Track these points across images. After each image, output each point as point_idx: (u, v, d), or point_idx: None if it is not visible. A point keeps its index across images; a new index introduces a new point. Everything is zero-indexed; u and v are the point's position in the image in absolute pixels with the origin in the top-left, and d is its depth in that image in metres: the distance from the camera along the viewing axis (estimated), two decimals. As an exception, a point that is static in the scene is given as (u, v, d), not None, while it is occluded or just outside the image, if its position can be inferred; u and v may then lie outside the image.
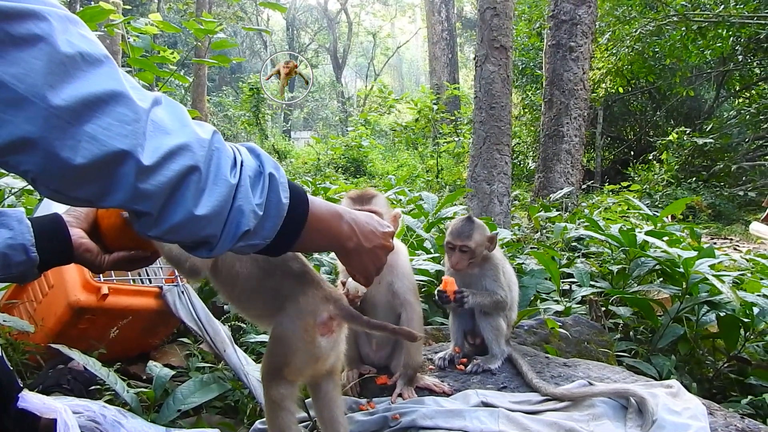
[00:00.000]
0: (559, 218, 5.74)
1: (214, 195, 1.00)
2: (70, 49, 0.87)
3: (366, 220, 1.37)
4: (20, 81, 0.82)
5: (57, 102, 0.84)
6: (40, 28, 0.84)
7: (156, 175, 0.93)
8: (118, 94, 0.90)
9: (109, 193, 0.93)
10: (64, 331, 2.42)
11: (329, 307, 1.46)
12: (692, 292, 2.98)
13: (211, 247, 1.07)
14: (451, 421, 1.71)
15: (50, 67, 0.84)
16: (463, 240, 2.18)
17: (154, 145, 0.93)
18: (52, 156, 0.86)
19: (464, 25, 28.69)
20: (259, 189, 1.08)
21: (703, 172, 12.67)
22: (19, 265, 1.36)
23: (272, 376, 1.48)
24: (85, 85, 0.87)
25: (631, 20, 12.15)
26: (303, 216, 1.18)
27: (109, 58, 0.92)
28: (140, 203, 0.95)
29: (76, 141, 0.86)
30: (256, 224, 1.07)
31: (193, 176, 0.98)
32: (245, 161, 1.08)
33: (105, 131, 0.88)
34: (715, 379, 2.89)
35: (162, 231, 1.00)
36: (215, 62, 4.49)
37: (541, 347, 2.53)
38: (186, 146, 0.97)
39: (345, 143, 16.71)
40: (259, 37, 32.34)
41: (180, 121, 0.99)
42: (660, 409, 1.69)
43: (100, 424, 1.43)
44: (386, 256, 1.42)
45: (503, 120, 6.36)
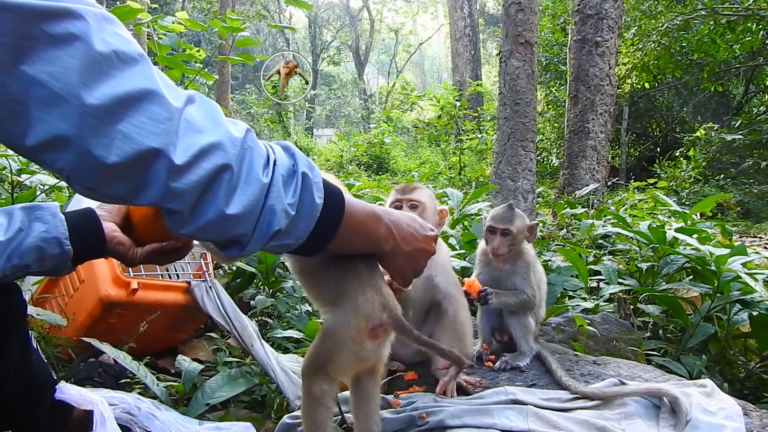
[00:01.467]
0: (585, 215, 5.67)
1: (246, 194, 1.00)
2: (105, 48, 0.87)
3: (407, 222, 1.35)
4: (56, 79, 0.83)
5: (91, 101, 0.85)
6: (76, 27, 0.85)
7: (188, 173, 0.93)
8: (151, 92, 0.91)
9: (140, 191, 0.93)
10: (95, 325, 2.45)
11: (383, 315, 1.43)
12: (723, 291, 2.93)
13: (242, 246, 1.06)
14: (480, 419, 1.70)
15: (85, 66, 0.85)
16: (506, 224, 2.17)
17: (186, 143, 0.93)
18: (86, 154, 0.87)
19: (487, 21, 28.53)
20: (292, 188, 1.07)
21: (732, 169, 12.42)
22: (53, 258, 1.38)
23: (315, 372, 1.47)
24: (120, 83, 0.88)
25: (658, 14, 11.96)
26: (338, 217, 1.16)
27: (144, 56, 0.93)
28: (172, 201, 0.95)
29: (110, 139, 0.87)
30: (288, 224, 1.06)
31: (224, 175, 0.97)
32: (278, 160, 1.07)
33: (138, 129, 0.88)
34: (746, 379, 2.84)
35: (193, 229, 1.00)
36: (239, 60, 4.52)
37: (569, 345, 2.50)
38: (218, 145, 0.97)
39: (367, 140, 16.74)
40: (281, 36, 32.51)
41: (213, 120, 0.99)
42: (694, 408, 1.66)
43: (134, 416, 1.45)
44: (426, 260, 1.39)
45: (528, 116, 6.31)
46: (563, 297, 3.26)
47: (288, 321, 2.97)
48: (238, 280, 3.22)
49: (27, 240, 1.35)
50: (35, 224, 1.37)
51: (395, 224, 1.31)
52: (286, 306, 3.07)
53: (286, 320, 3.00)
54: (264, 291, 3.25)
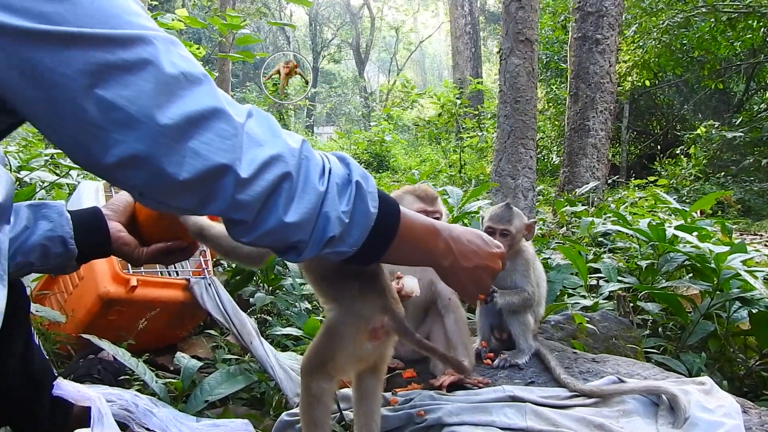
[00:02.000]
0: (585, 213, 5.67)
1: (303, 202, 1.04)
2: (174, 70, 0.92)
3: (469, 238, 1.35)
4: (132, 103, 0.88)
5: (164, 121, 0.89)
6: (148, 52, 0.90)
7: (252, 185, 0.98)
8: (217, 110, 0.96)
9: (208, 203, 0.98)
10: (94, 322, 2.46)
11: (384, 318, 1.43)
12: (723, 288, 2.92)
13: (300, 251, 1.10)
14: (478, 416, 1.70)
15: (158, 88, 0.90)
16: (504, 224, 2.17)
17: (250, 157, 0.98)
18: (159, 171, 0.91)
19: (487, 19, 28.50)
20: (347, 197, 1.10)
21: (732, 167, 12.41)
22: (57, 257, 1.39)
23: (315, 370, 1.46)
24: (189, 103, 0.92)
25: (659, 12, 11.93)
26: (393, 227, 1.19)
27: (207, 76, 0.98)
28: (237, 212, 1.00)
29: (181, 156, 0.91)
30: (342, 231, 1.10)
31: (285, 184, 1.02)
32: (334, 169, 1.11)
33: (207, 146, 0.93)
34: (746, 377, 2.83)
35: (254, 237, 1.05)
36: (240, 57, 4.52)
37: (568, 343, 2.50)
38: (278, 156, 1.01)
39: (368, 138, 16.73)
40: (282, 33, 32.49)
41: (272, 132, 1.04)
42: (692, 406, 1.66)
43: (132, 412, 1.45)
44: (492, 277, 1.39)
45: (528, 114, 6.30)
46: (563, 295, 3.25)
47: (287, 318, 2.97)
48: (237, 278, 3.22)
49: (32, 238, 1.36)
50: (41, 222, 1.38)
51: (454, 240, 1.32)
52: (286, 303, 3.07)
53: (286, 318, 3.00)
54: (263, 288, 3.25)
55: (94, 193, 2.49)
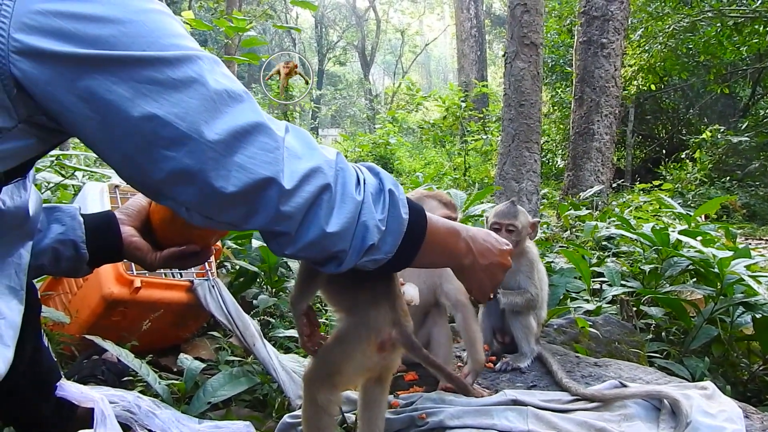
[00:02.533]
0: (589, 217, 5.66)
1: (343, 212, 1.07)
2: (219, 87, 0.97)
3: (483, 237, 1.40)
4: (182, 119, 0.92)
5: (212, 137, 0.93)
6: (194, 71, 0.95)
7: (295, 197, 1.01)
8: (260, 125, 1.00)
9: (253, 215, 1.01)
10: (98, 323, 2.46)
11: (393, 331, 1.43)
12: (727, 293, 2.92)
13: (340, 261, 1.12)
14: (479, 420, 1.70)
15: (204, 105, 0.94)
16: (510, 219, 2.18)
17: (291, 169, 1.01)
18: (208, 186, 0.95)
19: (493, 22, 28.51)
20: (381, 205, 1.13)
21: (738, 171, 12.39)
22: (68, 261, 1.39)
23: (322, 381, 1.46)
24: (233, 119, 0.96)
25: (665, 16, 11.92)
26: (422, 231, 1.22)
27: (247, 93, 1.03)
28: (280, 224, 1.03)
29: (227, 171, 0.95)
30: (380, 239, 1.12)
31: (324, 195, 1.05)
32: (367, 179, 1.14)
33: (251, 160, 0.97)
34: (749, 382, 2.83)
35: (297, 249, 1.07)
36: (245, 59, 4.54)
37: (570, 346, 2.50)
38: (318, 168, 1.04)
39: (372, 140, 16.72)
40: (287, 35, 32.55)
41: (309, 146, 1.07)
42: (694, 411, 1.66)
43: (135, 414, 1.46)
44: (503, 273, 1.43)
45: (533, 117, 6.31)
46: (566, 299, 3.25)
47: (290, 321, 2.98)
48: (241, 279, 3.23)
49: (44, 241, 1.36)
50: (53, 225, 1.39)
51: (473, 239, 1.36)
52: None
53: (289, 320, 3.01)
54: (267, 290, 3.25)
55: (99, 195, 2.50)
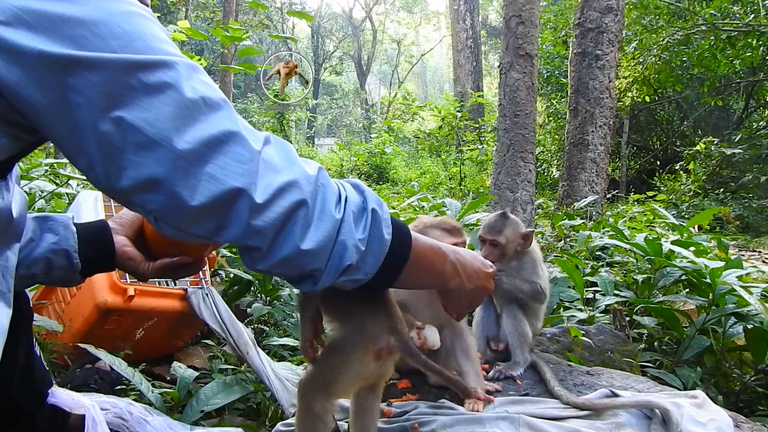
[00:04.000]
0: (583, 227, 5.68)
1: (320, 230, 1.03)
2: (194, 95, 0.94)
3: (471, 259, 1.38)
4: (151, 125, 0.90)
5: (182, 145, 0.91)
6: (169, 76, 0.92)
7: (267, 211, 0.98)
8: (235, 134, 0.96)
9: (224, 228, 0.98)
10: (91, 332, 2.46)
11: (391, 338, 1.43)
12: (719, 304, 2.93)
13: (315, 281, 1.09)
14: (471, 428, 1.70)
15: (177, 112, 0.91)
16: (494, 235, 2.17)
17: (265, 182, 0.98)
18: (176, 195, 0.92)
19: (489, 33, 28.69)
20: (362, 224, 1.10)
21: (732, 183, 12.45)
22: (61, 270, 1.39)
23: (318, 390, 1.45)
24: (207, 127, 0.94)
25: (659, 29, 12.00)
26: (405, 253, 1.19)
27: (226, 101, 0.99)
28: (252, 239, 0.99)
29: (197, 180, 0.92)
30: (359, 259, 1.09)
31: (300, 211, 1.01)
32: (349, 196, 1.11)
33: (223, 170, 0.94)
34: (741, 392, 2.83)
35: (270, 265, 1.04)
36: (241, 69, 4.56)
37: (563, 356, 2.50)
38: (294, 183, 1.01)
39: (368, 150, 16.77)
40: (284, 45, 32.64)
41: (288, 159, 1.04)
42: (685, 420, 1.67)
43: (126, 420, 1.46)
44: (484, 297, 1.43)
45: (527, 128, 6.34)
46: (559, 308, 3.26)
47: (284, 329, 2.98)
48: (235, 288, 3.23)
49: (36, 250, 1.36)
50: (46, 235, 1.38)
51: (461, 262, 1.34)
52: (283, 314, 3.08)
53: (283, 328, 3.01)
54: (261, 299, 3.25)
55: (93, 203, 2.51)
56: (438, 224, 1.95)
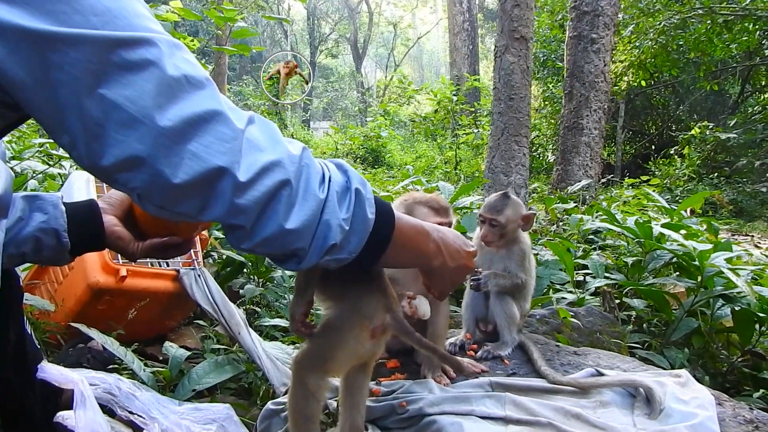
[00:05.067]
0: (576, 210, 5.71)
1: (304, 209, 1.04)
2: (177, 73, 0.93)
3: (453, 238, 1.39)
4: (133, 103, 0.89)
5: (164, 122, 0.91)
6: (151, 54, 0.91)
7: (251, 190, 0.98)
8: (218, 113, 0.96)
9: (207, 207, 0.98)
10: (84, 312, 2.47)
11: (386, 317, 1.45)
12: (707, 286, 2.96)
13: (300, 259, 1.10)
14: (458, 406, 1.72)
15: (159, 90, 0.91)
16: (494, 214, 2.19)
17: (249, 161, 0.98)
18: (158, 173, 0.92)
19: (486, 17, 28.51)
20: (346, 204, 1.11)
21: (726, 168, 12.48)
22: (49, 250, 1.39)
23: (313, 367, 1.47)
24: (189, 105, 0.93)
25: (656, 13, 11.96)
26: (389, 231, 1.20)
27: (209, 80, 0.99)
28: (236, 217, 1.00)
29: (179, 158, 0.92)
30: (343, 238, 1.10)
31: (284, 191, 1.02)
32: (333, 176, 1.11)
33: (206, 149, 0.94)
34: (729, 373, 2.87)
35: (254, 244, 1.04)
36: (235, 50, 4.54)
37: (552, 337, 2.53)
38: (278, 162, 1.01)
39: (364, 134, 16.72)
40: (279, 27, 32.40)
41: (273, 139, 1.04)
42: (668, 398, 1.70)
43: (115, 396, 1.47)
44: (465, 276, 1.43)
45: (522, 111, 6.34)
46: (549, 290, 3.29)
47: (276, 310, 3.00)
48: (228, 269, 3.25)
49: (26, 229, 1.36)
50: (35, 214, 1.38)
51: (443, 241, 1.35)
52: (275, 295, 3.10)
53: (275, 309, 3.03)
54: (254, 280, 3.27)
55: (84, 184, 2.51)
56: (426, 202, 1.97)
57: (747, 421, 1.66)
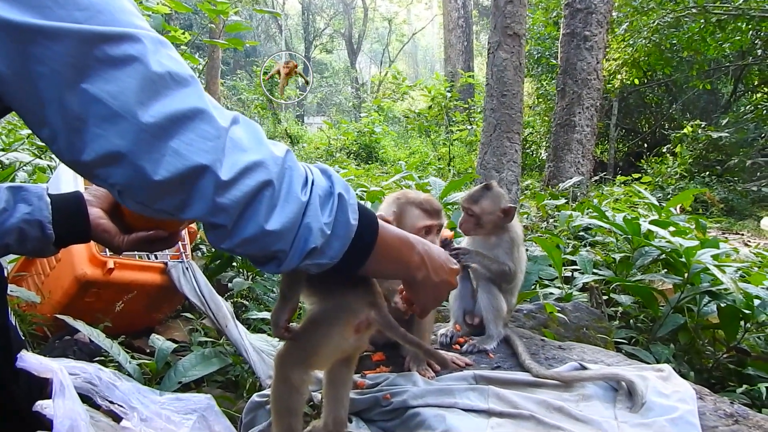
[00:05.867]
0: (566, 207, 5.73)
1: (285, 211, 1.03)
2: (161, 69, 0.92)
3: (438, 253, 1.38)
4: (114, 98, 0.88)
5: (146, 118, 0.90)
6: (135, 49, 0.91)
7: (233, 189, 0.97)
8: (201, 111, 0.96)
9: (188, 205, 0.97)
10: (71, 304, 2.47)
11: (371, 312, 1.45)
12: (694, 282, 2.98)
13: (280, 262, 1.09)
14: (441, 399, 1.73)
15: (142, 85, 0.90)
16: (469, 203, 2.21)
17: (231, 160, 0.97)
18: (139, 169, 0.91)
19: (481, 13, 28.52)
20: (329, 208, 1.10)
21: (717, 167, 12.53)
22: (34, 241, 1.39)
23: (296, 361, 1.47)
24: (173, 102, 0.93)
25: (649, 11, 11.99)
26: (371, 239, 1.19)
27: (194, 78, 0.99)
28: (217, 216, 0.99)
29: (161, 155, 0.91)
30: (323, 243, 1.09)
31: (266, 192, 1.01)
32: (316, 180, 1.10)
33: (188, 146, 0.93)
34: (714, 369, 2.90)
35: (234, 244, 1.04)
36: (228, 44, 4.52)
37: (539, 332, 2.54)
38: (261, 163, 1.01)
39: (357, 129, 16.71)
40: (274, 21, 32.31)
41: (256, 140, 1.03)
42: (649, 391, 1.71)
43: (96, 385, 1.47)
44: (448, 293, 1.41)
45: (514, 108, 6.35)
46: (538, 286, 3.31)
47: (265, 303, 3.00)
48: (217, 262, 3.24)
49: (9, 221, 1.35)
50: (20, 205, 1.37)
51: (428, 254, 1.34)
52: (264, 289, 3.10)
53: (263, 303, 3.03)
54: (242, 274, 3.27)
55: (72, 176, 2.50)
56: (418, 203, 1.94)
57: (727, 415, 1.68)
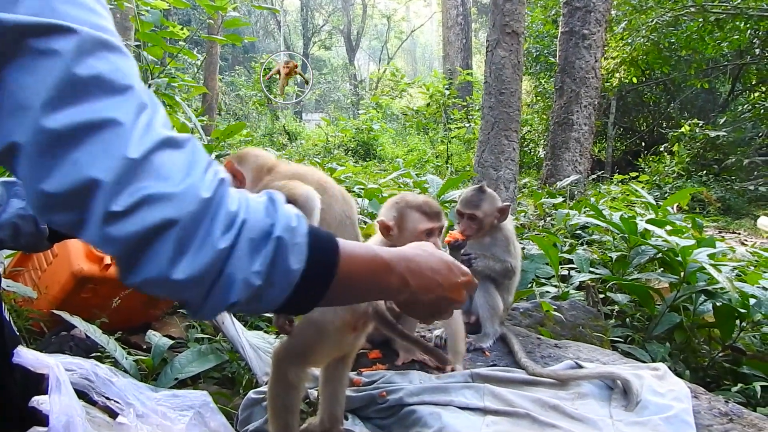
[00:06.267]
0: (564, 205, 5.73)
1: (197, 260, 0.88)
2: (86, 72, 0.83)
3: (433, 267, 1.19)
4: (23, 90, 0.81)
5: (49, 122, 0.81)
6: (60, 45, 0.82)
7: (125, 222, 0.84)
8: (118, 124, 0.85)
9: (81, 226, 0.86)
10: (68, 300, 2.47)
11: (369, 309, 1.45)
12: (690, 281, 2.99)
13: (194, 311, 0.96)
14: (437, 396, 1.74)
15: (57, 85, 0.82)
16: (471, 209, 2.21)
17: (135, 187, 0.84)
18: (33, 172, 0.83)
19: (479, 11, 28.51)
20: (261, 255, 0.94)
21: (715, 166, 12.57)
22: (27, 236, 1.38)
23: (294, 359, 1.47)
24: (86, 110, 0.83)
25: (648, 10, 12.00)
26: (327, 276, 1.03)
27: (132, 90, 0.88)
28: (107, 246, 0.86)
29: (54, 163, 0.82)
30: (254, 293, 0.94)
31: (170, 232, 0.86)
32: (250, 221, 0.94)
33: (87, 159, 0.82)
34: (709, 368, 2.91)
35: (135, 283, 0.89)
36: (226, 40, 4.52)
37: (535, 330, 2.55)
38: (170, 197, 0.86)
39: (356, 126, 16.70)
40: (273, 18, 32.22)
41: (186, 171, 0.89)
42: (644, 390, 1.72)
43: (92, 381, 1.48)
44: (453, 308, 1.27)
45: (512, 106, 6.35)
46: (534, 284, 3.31)
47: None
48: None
49: (3, 215, 1.35)
50: (13, 200, 1.37)
51: (413, 272, 1.16)
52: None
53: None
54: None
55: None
56: (418, 206, 1.92)
57: (722, 414, 1.69)
